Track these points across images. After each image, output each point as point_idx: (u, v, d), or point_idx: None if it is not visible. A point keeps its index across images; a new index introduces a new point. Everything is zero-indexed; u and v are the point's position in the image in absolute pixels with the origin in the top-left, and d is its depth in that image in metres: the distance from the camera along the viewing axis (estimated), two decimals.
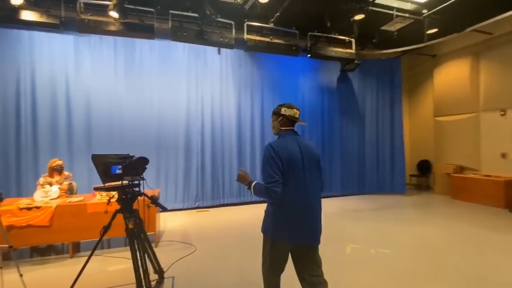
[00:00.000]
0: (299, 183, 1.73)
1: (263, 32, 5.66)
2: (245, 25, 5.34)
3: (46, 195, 3.60)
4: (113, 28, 4.61)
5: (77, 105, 5.14)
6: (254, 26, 5.46)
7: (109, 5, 4.31)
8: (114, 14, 4.46)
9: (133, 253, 1.77)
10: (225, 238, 4.14)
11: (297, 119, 1.86)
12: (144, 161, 1.89)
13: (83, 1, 4.53)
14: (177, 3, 4.82)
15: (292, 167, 1.72)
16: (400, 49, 6.65)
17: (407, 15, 5.39)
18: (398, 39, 5.92)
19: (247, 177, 1.85)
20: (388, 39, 6.25)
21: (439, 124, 7.43)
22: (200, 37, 5.05)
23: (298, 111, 1.86)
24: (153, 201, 1.92)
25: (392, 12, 5.25)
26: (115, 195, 1.94)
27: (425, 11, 5.37)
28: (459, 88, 6.87)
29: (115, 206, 2.14)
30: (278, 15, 5.17)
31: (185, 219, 5.18)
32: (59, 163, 3.73)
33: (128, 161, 1.86)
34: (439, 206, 6.17)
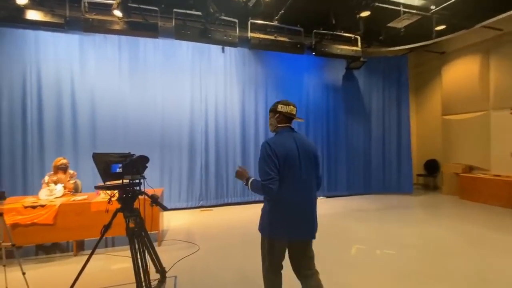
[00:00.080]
0: (296, 179, 1.74)
1: (267, 30, 5.61)
2: (249, 23, 5.29)
3: (51, 193, 3.62)
4: (117, 27, 4.61)
5: (82, 105, 5.17)
6: (258, 24, 5.41)
7: (113, 4, 4.32)
8: (118, 13, 4.48)
9: (133, 253, 1.75)
10: (229, 237, 4.12)
11: (294, 116, 1.86)
12: (144, 159, 1.87)
13: (87, 0, 4.54)
14: (181, 2, 4.81)
15: (288, 163, 1.72)
16: (407, 47, 6.53)
17: (414, 11, 5.27)
18: (405, 36, 5.80)
19: (245, 174, 1.85)
20: (394, 36, 6.13)
21: (447, 122, 7.28)
22: (203, 36, 5.02)
23: (294, 108, 1.86)
24: (154, 200, 1.89)
25: (399, 8, 5.14)
26: (116, 194, 1.93)
27: (433, 7, 5.25)
28: (468, 86, 6.71)
29: (116, 205, 2.13)
30: (282, 12, 5.11)
31: (189, 218, 5.17)
32: (63, 161, 3.75)
33: (128, 159, 1.83)
34: (447, 206, 6.04)
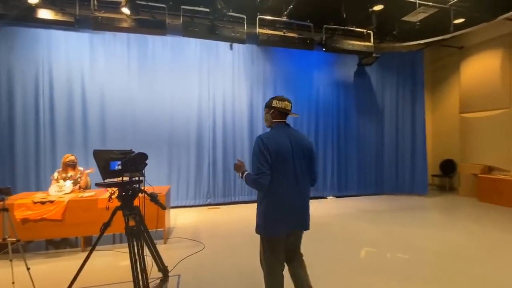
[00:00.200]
0: (289, 174, 1.78)
1: (276, 25, 5.50)
2: (257, 19, 5.20)
3: (60, 189, 3.67)
4: (126, 24, 4.63)
5: (92, 103, 5.24)
6: (266, 20, 5.31)
7: (121, 2, 4.33)
8: (126, 10, 4.50)
9: (131, 251, 1.72)
10: (235, 237, 4.06)
11: (289, 111, 1.89)
12: (143, 157, 1.83)
13: None
14: None
15: (281, 158, 1.75)
16: (423, 41, 6.26)
17: (431, 4, 5.01)
18: (420, 30, 5.56)
19: (242, 167, 1.89)
20: (409, 30, 5.88)
21: (465, 121, 6.96)
22: (211, 32, 4.97)
23: (289, 104, 1.89)
24: (152, 198, 1.85)
25: (414, 1, 4.90)
26: (116, 191, 1.90)
27: None
28: (488, 82, 6.38)
29: (118, 202, 2.11)
30: (291, 7, 4.99)
31: (196, 216, 5.16)
32: (71, 158, 3.80)
33: (127, 157, 1.80)
34: (464, 208, 5.77)
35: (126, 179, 1.84)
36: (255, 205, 2.02)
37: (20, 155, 4.91)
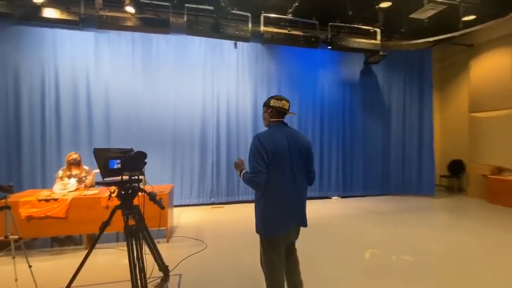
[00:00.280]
0: (285, 173, 1.79)
1: (280, 23, 5.43)
2: (261, 17, 5.14)
3: (64, 187, 3.70)
4: (130, 23, 4.63)
5: (96, 102, 5.27)
6: (271, 17, 5.25)
7: (125, 0, 4.33)
8: (130, 9, 4.50)
9: (129, 251, 1.70)
10: (238, 236, 4.03)
11: (286, 111, 1.91)
12: (142, 155, 1.81)
13: None
14: None
15: (277, 157, 1.76)
16: (431, 39, 6.12)
17: (440, 0, 4.89)
18: (429, 27, 5.43)
19: (241, 165, 1.91)
20: (417, 28, 5.75)
21: (475, 120, 6.79)
22: (215, 31, 4.94)
23: (287, 103, 1.91)
24: (151, 198, 1.84)
25: None
26: (116, 190, 1.89)
27: None
28: (499, 81, 6.20)
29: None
30: (296, 5, 4.92)
31: (199, 215, 5.15)
32: (74, 157, 3.82)
33: (126, 155, 1.79)
34: (473, 210, 5.63)
35: (125, 178, 1.83)
36: None
37: (26, 153, 4.97)
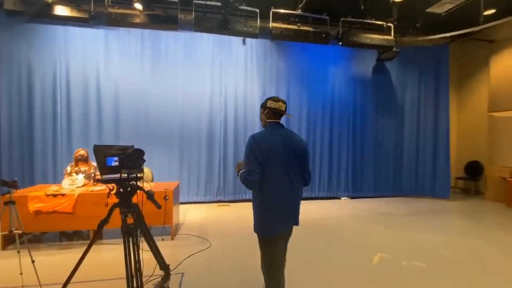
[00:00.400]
0: (280, 173, 1.81)
1: (290, 19, 5.31)
2: (270, 13, 5.04)
3: (72, 183, 3.75)
4: (138, 20, 4.64)
5: (106, 98, 5.33)
6: (280, 13, 5.14)
7: None
8: (138, 6, 4.51)
9: (125, 250, 1.67)
10: (242, 235, 3.98)
11: (283, 112, 1.93)
12: (139, 153, 1.77)
13: None
14: None
15: (272, 157, 1.78)
16: (449, 34, 5.83)
17: None
18: (446, 22, 5.18)
19: (241, 165, 1.92)
20: (434, 23, 5.52)
21: (494, 120, 6.46)
22: (223, 27, 4.88)
23: (283, 104, 1.93)
24: (149, 196, 1.80)
25: None
26: (115, 188, 1.86)
27: None
28: None
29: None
30: (306, 0, 4.79)
31: (205, 213, 5.14)
32: (81, 153, 3.86)
33: (125, 153, 1.75)
34: (491, 214, 5.36)
35: (124, 175, 1.80)
36: None
37: (38, 148, 5.09)
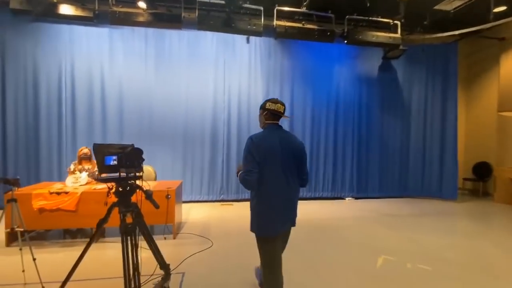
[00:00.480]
0: (277, 174, 1.83)
1: (294, 17, 5.26)
2: (275, 10, 4.99)
3: (76, 181, 3.77)
4: (142, 19, 4.65)
5: (110, 97, 5.36)
6: (284, 11, 5.09)
7: None
8: (142, 4, 4.51)
9: (123, 250, 1.66)
10: (244, 235, 3.91)
11: (281, 114, 1.97)
12: (138, 152, 1.76)
13: None
14: None
15: (269, 158, 1.81)
16: (457, 32, 5.70)
17: None
18: (455, 20, 5.05)
19: (241, 168, 1.94)
20: (442, 20, 5.39)
21: (504, 120, 6.30)
22: (227, 25, 4.85)
23: (282, 106, 1.96)
24: (147, 196, 1.79)
25: None
26: (113, 187, 1.85)
27: None
28: None
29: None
30: None
31: (208, 212, 5.13)
32: (84, 151, 3.88)
33: (123, 152, 1.74)
34: (499, 217, 5.23)
35: (122, 174, 1.79)
36: None
37: (44, 146, 5.16)
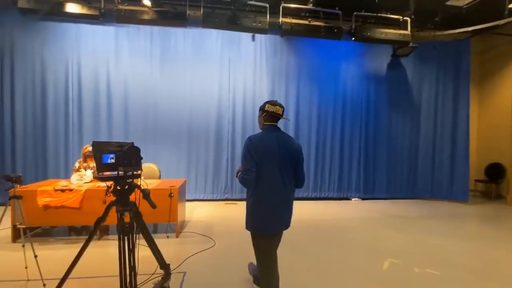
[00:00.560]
0: (274, 174, 1.88)
1: (301, 14, 5.17)
2: (280, 7, 4.92)
3: (81, 178, 3.80)
4: (147, 17, 4.64)
5: (116, 95, 5.38)
6: (291, 8, 5.00)
7: None
8: (147, 2, 4.50)
9: (120, 249, 1.63)
10: (247, 235, 3.87)
11: (280, 115, 2.02)
12: (135, 150, 1.72)
13: None
14: None
15: (267, 158, 1.86)
16: (470, 29, 5.52)
17: None
18: (468, 16, 4.87)
19: (241, 168, 1.98)
20: (454, 16, 5.22)
21: None
22: (232, 23, 4.80)
23: (281, 108, 2.02)
24: (144, 195, 1.76)
25: None
26: (112, 185, 1.83)
27: None
28: None
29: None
30: None
31: (212, 211, 5.10)
32: (89, 149, 3.88)
33: (121, 150, 1.71)
34: None
35: (120, 173, 1.76)
36: None
37: (51, 143, 5.23)
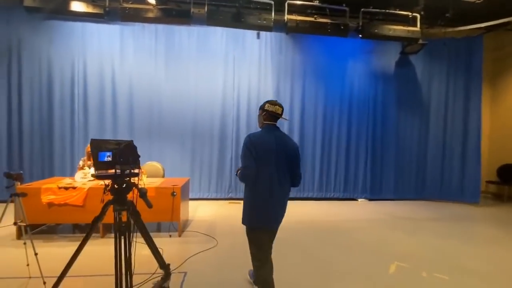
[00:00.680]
0: (271, 171, 1.93)
1: (306, 11, 5.07)
2: (286, 4, 4.84)
3: (85, 176, 3.81)
4: (151, 14, 4.62)
5: (121, 93, 5.41)
6: (296, 5, 4.91)
7: None
8: (152, 0, 4.48)
9: (116, 249, 1.60)
10: None
11: (279, 115, 2.08)
12: (132, 148, 1.69)
13: None
14: None
15: (264, 156, 1.92)
16: (483, 25, 5.33)
17: None
18: (480, 11, 4.70)
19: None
20: (466, 12, 5.05)
21: None
22: (236, 20, 4.74)
23: (280, 108, 2.08)
24: (141, 194, 1.72)
25: None
26: (110, 184, 1.80)
27: None
28: None
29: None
30: None
31: (216, 210, 5.07)
32: None
33: (119, 148, 1.68)
34: None
35: (117, 171, 1.72)
36: None
37: (57, 141, 5.29)
